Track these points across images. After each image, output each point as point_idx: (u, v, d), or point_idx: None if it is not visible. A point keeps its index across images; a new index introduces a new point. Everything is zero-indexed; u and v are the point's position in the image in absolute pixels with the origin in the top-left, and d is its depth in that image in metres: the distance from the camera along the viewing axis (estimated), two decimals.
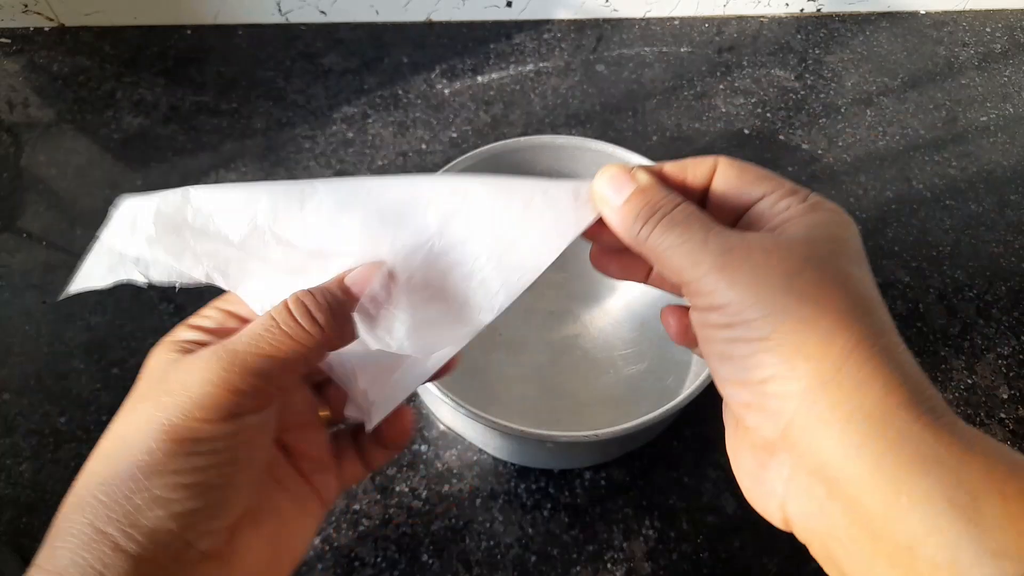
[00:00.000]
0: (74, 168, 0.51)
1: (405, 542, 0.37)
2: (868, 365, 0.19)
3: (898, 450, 0.17)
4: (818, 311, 0.19)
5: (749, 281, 0.20)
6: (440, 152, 0.53)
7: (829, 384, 0.19)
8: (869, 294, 0.20)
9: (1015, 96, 0.59)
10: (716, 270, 0.20)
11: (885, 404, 0.18)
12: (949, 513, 0.17)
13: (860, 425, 0.18)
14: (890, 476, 0.17)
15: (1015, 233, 0.51)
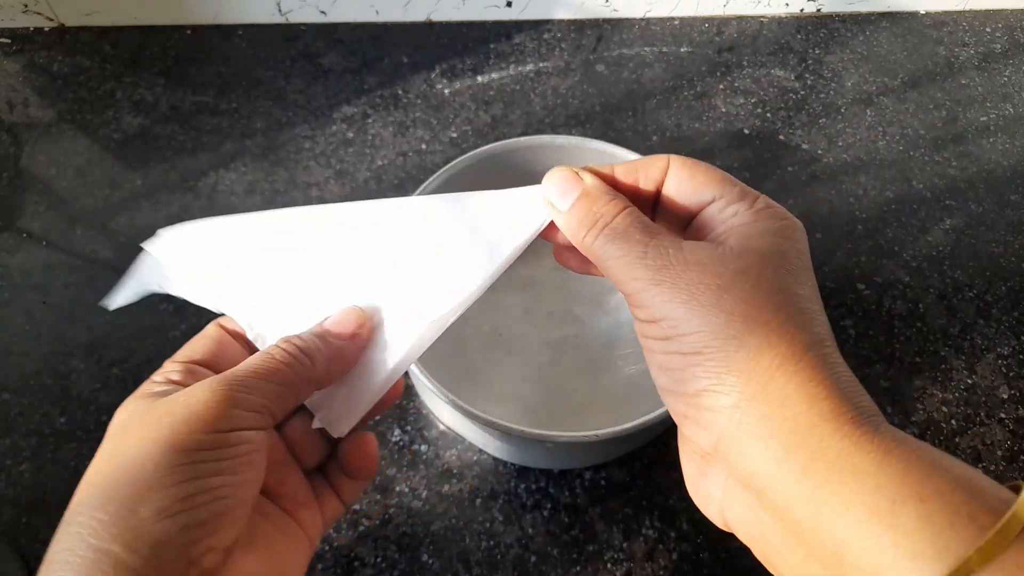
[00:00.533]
0: (74, 168, 0.51)
1: (405, 542, 0.37)
2: (795, 379, 0.19)
3: (820, 461, 0.18)
4: (746, 327, 0.20)
5: (684, 297, 0.21)
6: (440, 152, 0.53)
7: (757, 398, 0.19)
8: (802, 306, 0.21)
9: (1015, 96, 0.59)
10: (653, 285, 0.21)
11: (809, 416, 0.19)
12: (869, 520, 0.17)
13: (785, 438, 0.19)
14: (813, 487, 0.18)
15: (1015, 233, 0.51)
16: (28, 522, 0.37)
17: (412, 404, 0.41)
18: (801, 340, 0.20)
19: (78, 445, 0.40)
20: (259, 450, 0.22)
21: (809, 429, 0.18)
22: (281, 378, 0.23)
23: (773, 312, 0.20)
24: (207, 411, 0.21)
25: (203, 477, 0.20)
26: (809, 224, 0.50)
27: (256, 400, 0.22)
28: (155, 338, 0.44)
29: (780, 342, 0.20)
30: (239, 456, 0.21)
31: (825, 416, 0.18)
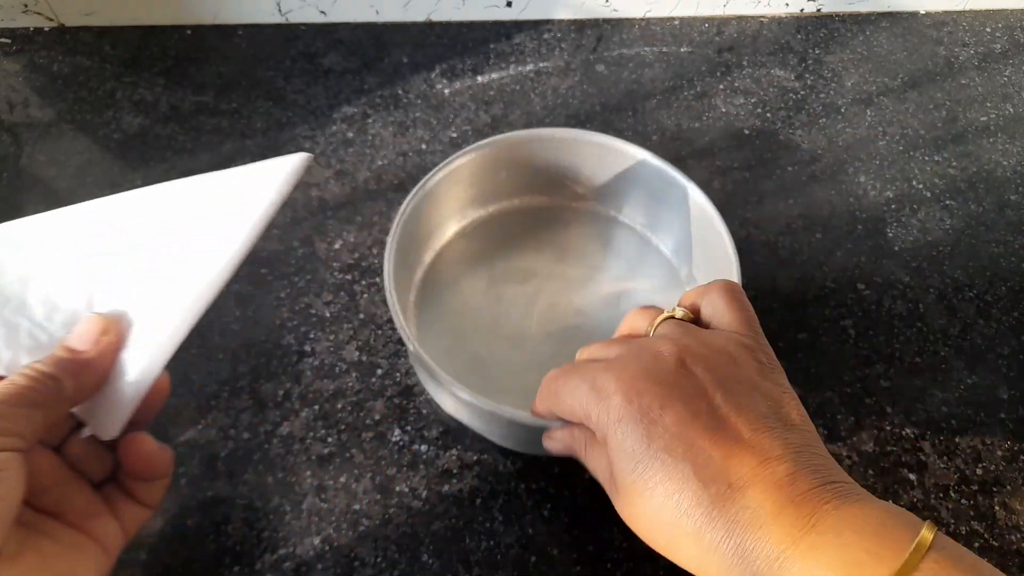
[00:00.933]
0: (74, 168, 0.51)
1: (405, 542, 0.37)
2: (724, 453, 0.24)
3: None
4: (666, 428, 0.25)
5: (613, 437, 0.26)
6: (440, 152, 0.53)
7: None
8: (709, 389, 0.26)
9: (1015, 96, 0.59)
10: (590, 447, 0.29)
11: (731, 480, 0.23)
12: None
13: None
14: None
15: (1015, 233, 0.51)
16: None
17: (412, 404, 0.41)
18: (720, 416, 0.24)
19: None
20: (8, 469, 0.23)
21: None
22: (25, 400, 0.23)
23: (683, 404, 0.25)
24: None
25: None
26: (809, 224, 0.50)
27: (1, 424, 0.23)
28: None
29: (694, 424, 0.24)
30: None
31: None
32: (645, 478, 0.24)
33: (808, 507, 0.21)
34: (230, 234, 0.26)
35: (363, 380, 0.42)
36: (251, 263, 0.47)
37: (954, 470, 0.40)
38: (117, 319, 0.26)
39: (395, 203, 0.50)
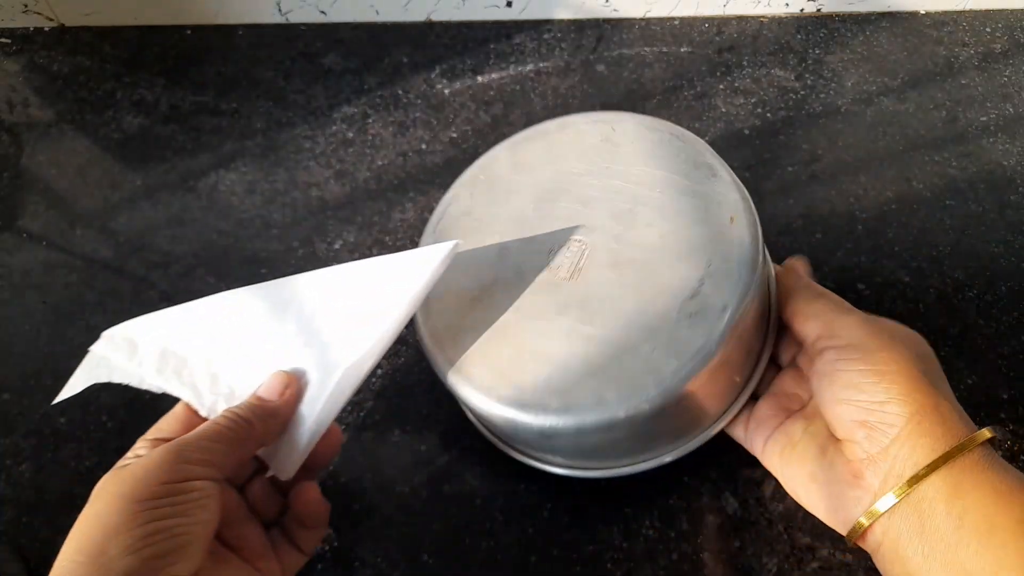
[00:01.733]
0: (74, 168, 0.51)
1: (405, 542, 0.37)
2: (951, 412, 0.28)
3: (964, 472, 0.26)
4: (928, 370, 0.29)
5: (885, 335, 0.30)
6: (440, 152, 0.53)
7: (929, 413, 0.27)
8: (942, 375, 0.31)
9: (1015, 96, 0.59)
10: (862, 323, 0.30)
11: (960, 433, 0.27)
12: (974, 509, 0.25)
13: (941, 444, 0.26)
14: (954, 486, 0.26)
15: (1015, 233, 0.51)
16: (28, 522, 0.37)
17: (412, 404, 0.41)
18: (948, 392, 0.29)
19: (78, 445, 0.40)
20: (210, 496, 0.26)
21: (963, 450, 0.26)
22: (222, 437, 0.28)
23: (939, 373, 0.30)
24: (158, 467, 0.26)
25: (159, 520, 0.25)
26: (809, 224, 0.50)
27: (201, 456, 0.27)
28: None
29: (941, 386, 0.29)
30: (189, 501, 0.26)
31: (962, 436, 0.27)
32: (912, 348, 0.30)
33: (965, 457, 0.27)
34: (388, 314, 0.31)
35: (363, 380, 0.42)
36: (251, 263, 0.47)
37: None
38: (297, 377, 0.31)
39: (395, 203, 0.50)
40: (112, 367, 0.33)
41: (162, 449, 0.26)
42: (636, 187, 0.36)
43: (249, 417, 0.29)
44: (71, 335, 0.43)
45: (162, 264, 0.46)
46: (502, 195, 0.38)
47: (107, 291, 0.45)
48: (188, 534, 0.25)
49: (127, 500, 0.25)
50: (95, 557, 0.24)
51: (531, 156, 0.39)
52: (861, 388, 0.28)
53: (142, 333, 0.34)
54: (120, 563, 0.23)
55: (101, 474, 0.38)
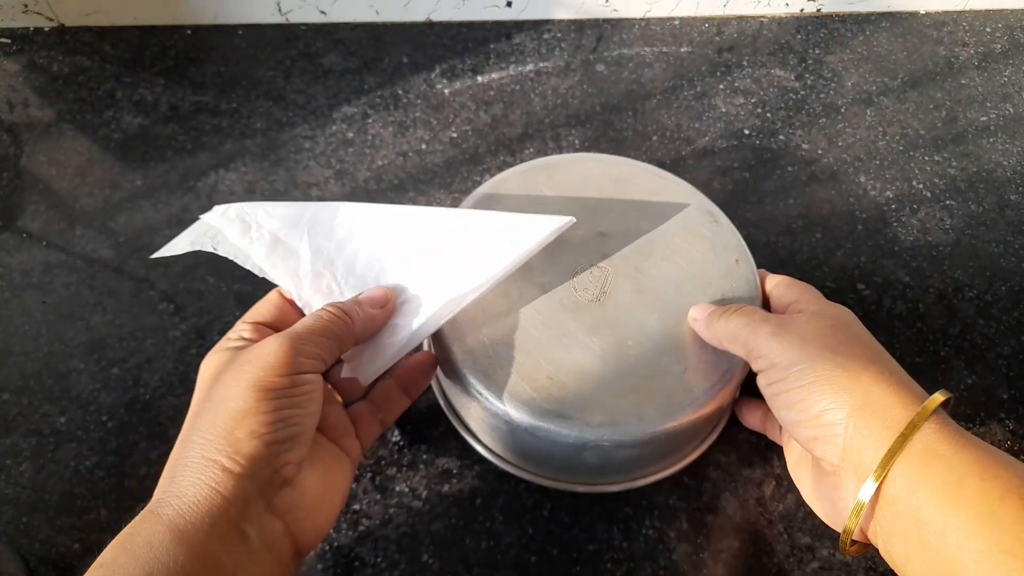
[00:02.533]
0: (74, 168, 0.51)
1: (405, 542, 0.37)
2: (888, 392, 0.27)
3: (911, 450, 0.26)
4: (846, 359, 0.28)
5: (795, 342, 0.29)
6: (440, 152, 0.53)
7: (864, 407, 0.27)
8: (878, 348, 0.30)
9: (1015, 96, 0.59)
10: (772, 337, 0.30)
11: (903, 414, 0.26)
12: (938, 491, 0.25)
13: (889, 432, 0.26)
14: (907, 482, 0.25)
15: (1015, 233, 0.51)
16: (28, 522, 0.37)
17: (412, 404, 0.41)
18: (884, 367, 0.29)
19: (78, 445, 0.40)
20: (317, 388, 0.29)
21: (906, 424, 0.26)
22: (329, 332, 0.30)
23: (860, 350, 0.29)
24: (277, 360, 0.27)
25: (279, 409, 0.27)
26: (809, 224, 0.50)
27: (312, 350, 0.28)
28: (155, 338, 0.44)
29: (872, 367, 0.28)
30: (303, 393, 0.28)
31: (910, 414, 0.26)
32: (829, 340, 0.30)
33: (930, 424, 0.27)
34: (494, 264, 0.33)
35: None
36: None
37: None
38: (396, 294, 0.33)
39: (395, 203, 0.50)
40: (221, 239, 0.34)
41: (280, 341, 0.28)
42: (648, 224, 0.39)
43: (352, 316, 0.31)
44: (71, 335, 0.43)
45: (162, 264, 0.46)
46: None
47: (107, 291, 0.45)
48: (302, 424, 0.28)
49: (252, 388, 0.27)
50: (225, 437, 0.26)
51: (544, 185, 0.41)
52: (795, 407, 0.29)
53: (255, 216, 0.35)
54: (247, 445, 0.26)
55: (101, 474, 0.38)
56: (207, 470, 0.25)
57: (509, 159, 0.53)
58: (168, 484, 0.26)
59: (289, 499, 0.27)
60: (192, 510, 0.25)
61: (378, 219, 0.35)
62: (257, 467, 0.26)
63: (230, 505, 0.25)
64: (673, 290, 0.37)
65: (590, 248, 0.38)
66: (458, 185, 0.51)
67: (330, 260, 0.34)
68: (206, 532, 0.24)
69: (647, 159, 0.53)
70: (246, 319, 0.32)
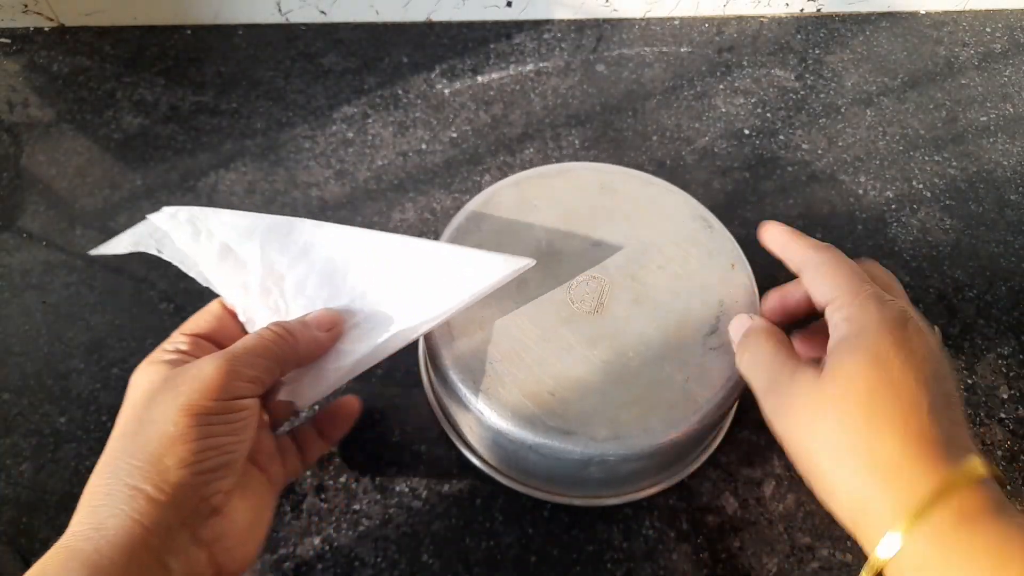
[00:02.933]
0: (74, 168, 0.51)
1: (405, 542, 0.37)
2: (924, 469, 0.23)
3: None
4: (878, 456, 0.24)
5: (789, 435, 0.26)
6: (440, 152, 0.53)
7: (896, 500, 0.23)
8: (909, 418, 0.24)
9: (1015, 96, 0.59)
10: (772, 417, 0.27)
11: (936, 479, 0.23)
12: None
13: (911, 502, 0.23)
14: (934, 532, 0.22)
15: (1015, 233, 0.51)
16: (28, 522, 0.37)
17: (412, 404, 0.41)
18: (930, 432, 0.24)
19: (78, 445, 0.40)
20: (253, 414, 0.27)
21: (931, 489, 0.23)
22: (270, 354, 0.28)
23: (903, 424, 0.24)
24: (214, 382, 0.26)
25: (212, 436, 0.25)
26: (809, 224, 0.50)
27: (250, 372, 0.27)
28: (155, 338, 0.43)
29: (911, 447, 0.23)
30: (239, 420, 0.26)
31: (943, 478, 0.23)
32: (877, 383, 0.25)
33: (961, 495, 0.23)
34: (448, 299, 0.32)
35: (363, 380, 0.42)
36: None
37: None
38: (344, 319, 0.32)
39: (395, 203, 0.50)
40: (167, 242, 0.33)
41: (218, 362, 0.27)
42: (642, 232, 0.39)
43: (297, 336, 0.29)
44: (71, 335, 0.43)
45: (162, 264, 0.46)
46: (511, 232, 0.38)
47: (107, 291, 0.45)
48: (235, 451, 0.26)
49: (184, 412, 0.25)
50: (153, 464, 0.24)
51: (536, 195, 0.40)
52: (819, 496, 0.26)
53: (206, 222, 0.33)
54: (175, 474, 0.24)
55: None
56: (131, 500, 0.24)
57: (509, 159, 0.53)
58: (87, 515, 0.24)
59: (218, 528, 0.26)
60: (111, 545, 0.23)
61: (335, 239, 0.33)
62: (184, 496, 0.25)
63: (152, 536, 0.24)
64: (670, 298, 0.36)
65: (585, 259, 0.38)
66: (458, 185, 0.51)
67: (280, 276, 0.33)
68: (123, 567, 0.23)
69: (647, 159, 0.53)
70: (183, 330, 0.31)
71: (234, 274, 0.32)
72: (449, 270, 0.33)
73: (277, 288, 0.32)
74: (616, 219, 0.39)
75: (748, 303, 0.37)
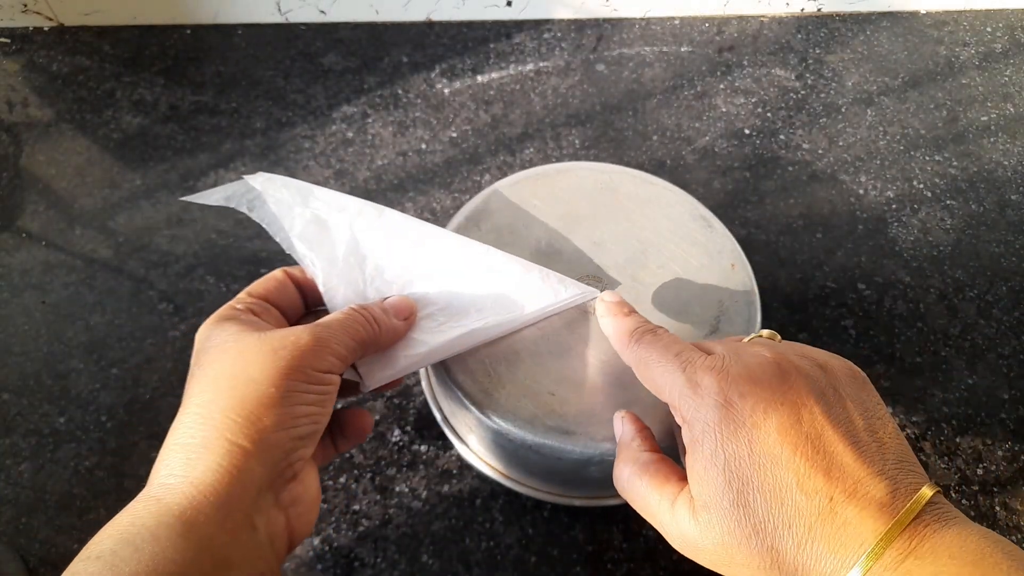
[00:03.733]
0: (73, 168, 0.51)
1: (405, 542, 0.37)
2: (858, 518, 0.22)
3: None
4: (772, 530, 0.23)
5: (703, 478, 0.25)
6: (440, 152, 0.53)
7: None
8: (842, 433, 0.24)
9: (1016, 96, 0.59)
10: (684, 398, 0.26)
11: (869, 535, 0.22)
12: None
13: None
14: None
15: (1016, 233, 0.51)
16: (27, 522, 0.37)
17: (412, 404, 0.41)
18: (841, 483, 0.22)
19: (77, 445, 0.40)
20: (336, 389, 0.28)
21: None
22: (357, 337, 0.28)
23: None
24: (312, 353, 0.26)
25: (305, 404, 0.26)
26: (810, 224, 0.50)
27: (340, 350, 0.27)
28: (154, 338, 0.43)
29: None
30: (326, 393, 0.27)
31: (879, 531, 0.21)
32: (742, 488, 0.23)
33: (908, 529, 0.21)
34: (519, 311, 0.33)
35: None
36: (251, 263, 0.47)
37: (955, 470, 0.40)
38: (417, 310, 0.33)
39: (395, 202, 0.50)
40: (259, 203, 0.34)
41: (314, 333, 0.27)
42: (642, 232, 0.38)
43: (379, 326, 0.30)
44: (70, 335, 0.43)
45: (161, 264, 0.46)
46: (511, 232, 0.38)
47: (106, 291, 0.45)
48: (320, 423, 0.27)
49: (286, 376, 0.25)
50: (252, 422, 0.24)
51: (535, 196, 0.40)
52: None
53: (300, 191, 0.34)
54: (273, 435, 0.25)
55: (101, 474, 0.38)
56: (230, 456, 0.24)
57: (509, 159, 0.53)
58: (181, 467, 0.24)
59: (294, 493, 0.26)
60: (207, 500, 0.23)
61: (418, 234, 0.35)
62: (276, 458, 0.25)
63: (246, 494, 0.24)
64: (670, 298, 0.36)
65: (585, 259, 0.38)
66: (458, 184, 0.51)
67: (363, 256, 0.34)
68: (218, 524, 0.23)
69: (647, 159, 0.53)
70: (250, 291, 0.30)
71: (321, 245, 0.33)
72: (523, 284, 0.34)
73: (359, 267, 0.33)
74: (616, 219, 0.39)
75: (748, 303, 0.36)
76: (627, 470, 0.28)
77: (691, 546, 0.25)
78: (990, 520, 0.39)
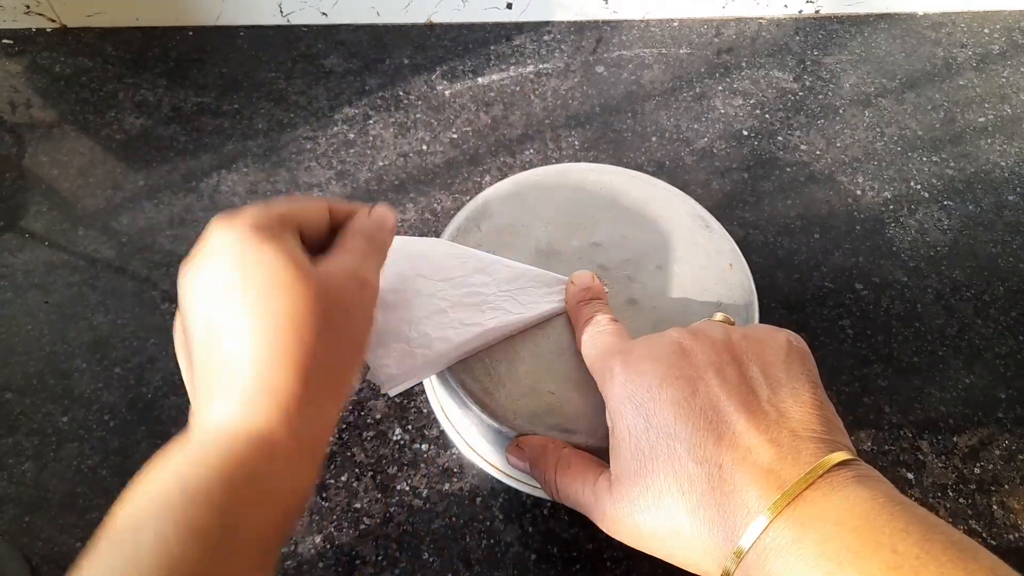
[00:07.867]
0: (76, 169, 0.51)
1: (406, 540, 0.37)
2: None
3: None
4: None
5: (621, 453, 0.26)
6: (441, 153, 0.53)
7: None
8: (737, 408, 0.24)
9: (1013, 97, 0.60)
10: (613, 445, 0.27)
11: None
12: None
13: None
14: None
15: (1013, 233, 0.51)
16: (30, 521, 0.37)
17: (412, 403, 0.41)
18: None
19: (80, 444, 0.40)
20: None
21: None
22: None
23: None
24: (371, 301, 0.27)
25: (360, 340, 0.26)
26: (807, 224, 0.51)
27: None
28: (157, 337, 0.44)
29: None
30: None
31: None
32: (643, 460, 0.24)
33: (800, 498, 0.21)
34: (527, 312, 0.34)
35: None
36: None
37: (952, 469, 0.41)
38: (396, 216, 0.31)
39: (396, 204, 0.50)
40: None
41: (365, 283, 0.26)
42: (641, 232, 0.39)
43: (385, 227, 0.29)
44: (73, 335, 0.44)
45: (164, 264, 0.47)
46: (511, 232, 0.39)
47: (109, 291, 0.46)
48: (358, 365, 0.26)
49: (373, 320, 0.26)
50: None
51: (535, 196, 0.41)
52: None
53: None
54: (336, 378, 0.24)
55: (104, 473, 0.39)
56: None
57: (509, 160, 0.53)
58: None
59: None
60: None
61: (448, 245, 0.36)
62: None
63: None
64: (668, 299, 0.37)
65: (583, 259, 0.38)
66: (459, 186, 0.51)
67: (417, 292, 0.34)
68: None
69: (646, 160, 0.54)
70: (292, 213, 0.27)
71: None
72: (530, 283, 0.35)
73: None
74: (615, 220, 0.39)
75: (746, 303, 0.37)
76: (550, 472, 0.29)
77: (611, 522, 0.26)
78: (987, 519, 0.39)
